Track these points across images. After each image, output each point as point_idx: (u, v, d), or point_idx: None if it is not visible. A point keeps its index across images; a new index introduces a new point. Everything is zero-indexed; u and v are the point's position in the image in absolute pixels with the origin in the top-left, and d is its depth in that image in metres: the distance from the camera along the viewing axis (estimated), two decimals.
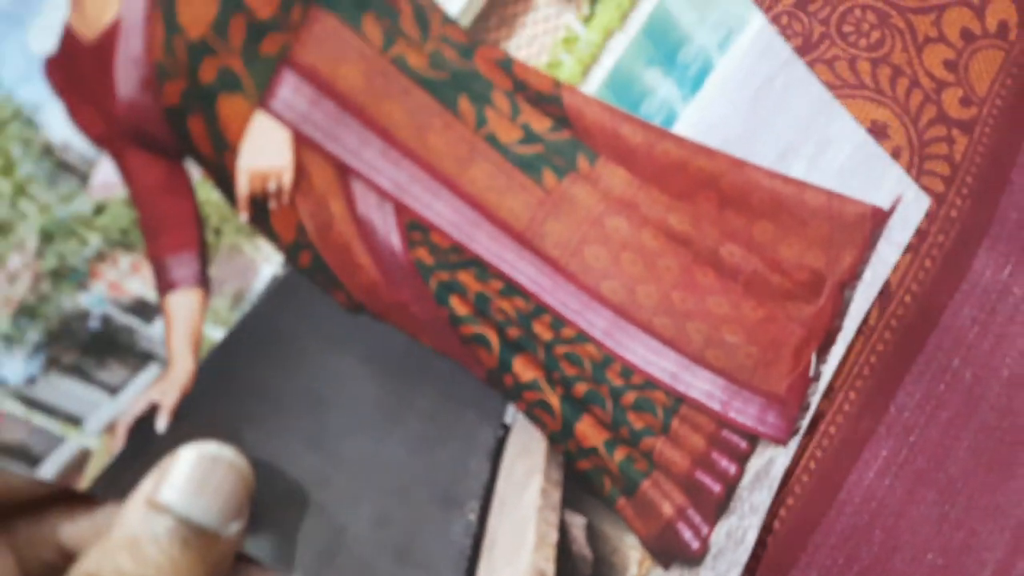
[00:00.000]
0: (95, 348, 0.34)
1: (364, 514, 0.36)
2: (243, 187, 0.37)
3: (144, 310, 0.36)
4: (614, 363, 0.40)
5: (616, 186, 0.41)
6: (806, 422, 0.40)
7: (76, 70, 0.35)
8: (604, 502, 0.40)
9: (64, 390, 0.34)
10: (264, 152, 0.37)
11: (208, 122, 0.37)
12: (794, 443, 0.40)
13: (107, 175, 0.35)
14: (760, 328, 0.41)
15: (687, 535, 0.39)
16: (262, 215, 0.38)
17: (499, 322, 0.39)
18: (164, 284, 0.36)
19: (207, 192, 0.37)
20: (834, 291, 0.42)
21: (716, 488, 0.40)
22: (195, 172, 0.37)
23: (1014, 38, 0.44)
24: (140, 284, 0.36)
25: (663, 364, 0.40)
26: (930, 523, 0.40)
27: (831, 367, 0.41)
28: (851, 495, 0.40)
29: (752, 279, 0.41)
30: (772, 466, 0.40)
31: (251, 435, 0.35)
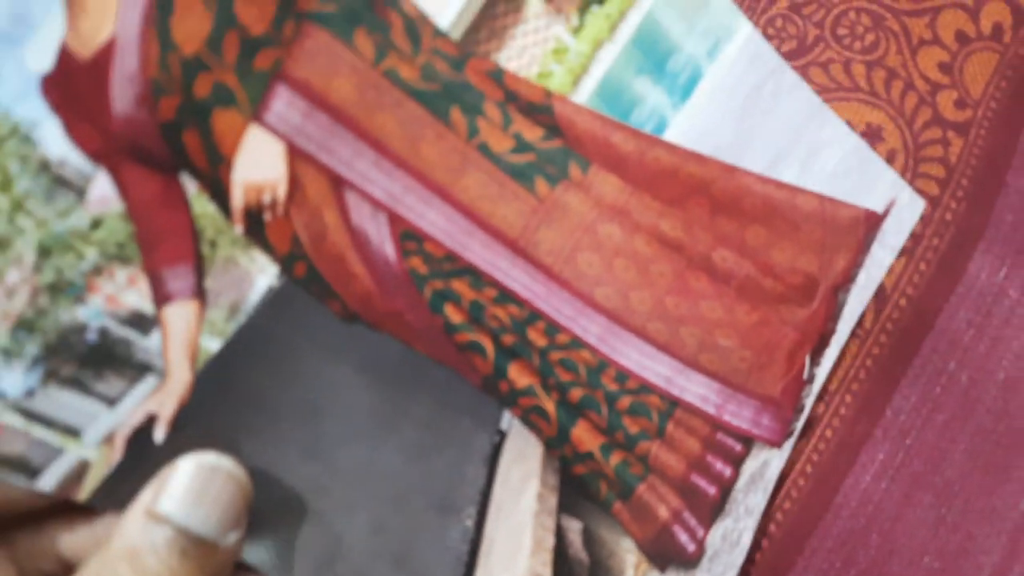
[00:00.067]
0: (93, 360, 0.35)
1: (361, 522, 0.36)
2: (238, 199, 0.38)
3: (141, 322, 0.36)
4: (609, 368, 0.40)
5: (608, 193, 0.41)
6: (800, 424, 0.41)
7: (72, 87, 0.36)
8: (600, 506, 0.40)
9: (63, 402, 0.34)
10: (258, 165, 0.37)
11: (203, 136, 0.37)
12: (788, 445, 0.40)
13: (103, 190, 0.36)
14: (753, 332, 0.41)
15: (683, 538, 0.39)
16: (257, 227, 0.38)
17: (494, 329, 0.39)
18: (161, 296, 0.36)
19: (202, 205, 0.38)
20: (827, 294, 0.42)
21: (711, 491, 0.40)
22: (190, 186, 0.38)
23: (1009, 40, 0.44)
24: (137, 297, 0.36)
25: (657, 369, 0.40)
26: (927, 526, 0.39)
27: (825, 369, 0.41)
28: (848, 498, 0.40)
29: (745, 283, 0.41)
30: (767, 468, 0.40)
31: (248, 444, 0.36)
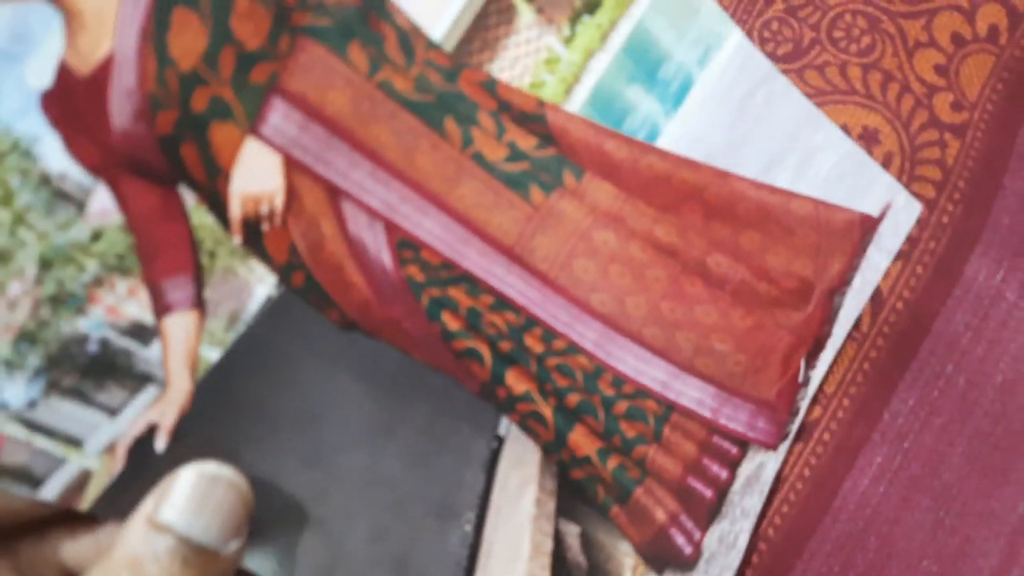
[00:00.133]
0: (94, 371, 0.35)
1: (361, 528, 0.36)
2: (236, 211, 0.38)
3: (141, 333, 0.36)
4: (605, 373, 0.40)
5: (602, 200, 0.41)
6: (795, 427, 0.41)
7: (72, 103, 0.36)
8: (598, 510, 0.40)
9: (64, 413, 0.34)
10: (256, 176, 0.38)
11: (201, 149, 0.38)
12: (784, 447, 0.40)
13: (103, 203, 0.36)
14: (749, 336, 0.41)
15: (680, 540, 0.39)
16: (255, 237, 0.39)
17: (491, 336, 0.40)
18: (160, 307, 0.37)
19: (201, 216, 0.38)
20: (823, 298, 0.42)
21: (708, 494, 0.40)
22: (189, 197, 0.38)
23: (1004, 42, 0.44)
24: (137, 308, 0.36)
25: (654, 373, 0.40)
26: (925, 530, 0.39)
27: (820, 372, 0.41)
28: (846, 502, 0.40)
29: (740, 288, 0.42)
30: (763, 471, 0.40)
31: (248, 453, 0.36)
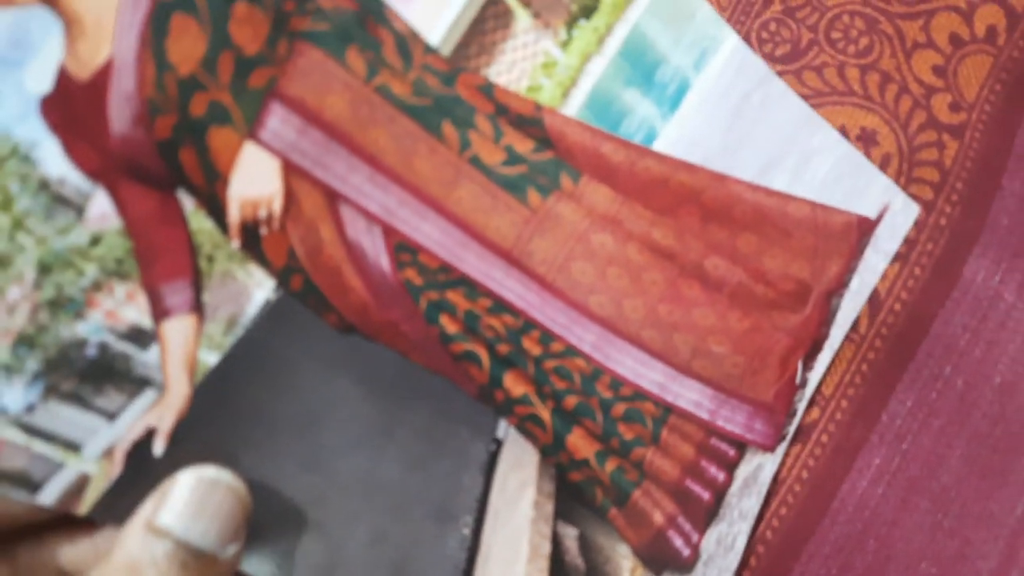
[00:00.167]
0: (92, 375, 0.35)
1: (360, 532, 0.36)
2: (234, 215, 0.38)
3: (140, 337, 0.36)
4: (603, 376, 0.40)
5: (600, 203, 0.41)
6: (793, 428, 0.41)
7: (71, 108, 0.36)
8: (596, 512, 0.40)
9: (63, 417, 0.34)
10: (254, 181, 0.38)
11: (199, 154, 0.38)
12: (781, 449, 0.40)
13: (102, 207, 0.36)
14: (746, 338, 0.41)
15: (678, 543, 0.39)
16: (253, 241, 0.39)
17: (489, 339, 0.40)
18: (159, 311, 0.37)
19: (199, 221, 0.38)
20: (820, 300, 0.42)
21: (705, 496, 0.40)
22: (188, 202, 0.38)
23: (1003, 43, 0.44)
24: (136, 312, 0.36)
25: (651, 375, 0.40)
26: (924, 532, 0.39)
27: (818, 374, 0.41)
28: (844, 504, 0.40)
29: (737, 290, 0.42)
30: (760, 472, 0.40)
31: (247, 457, 0.36)
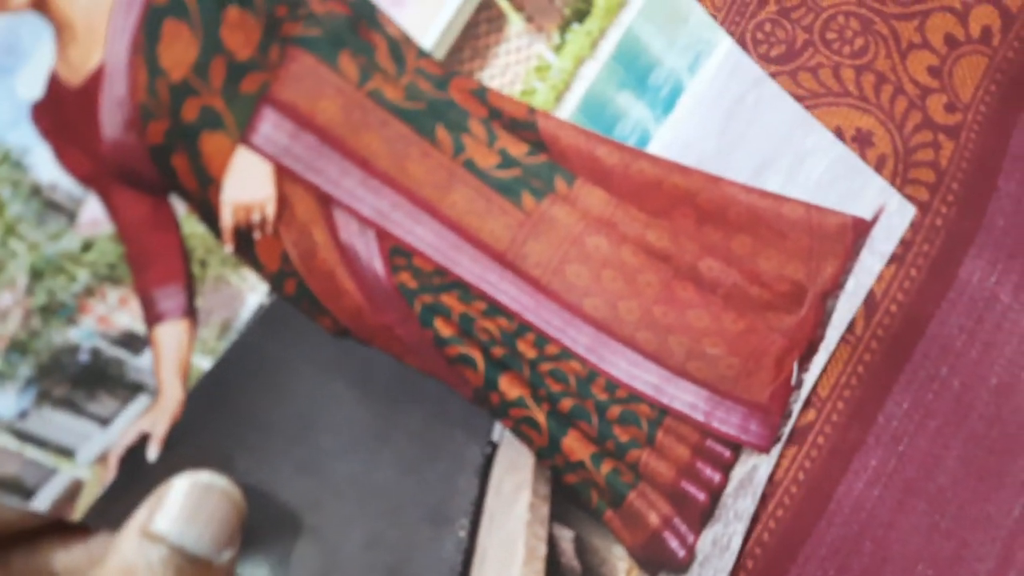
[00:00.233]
0: (85, 381, 0.35)
1: (356, 536, 0.36)
2: (227, 219, 0.38)
3: (133, 342, 0.36)
4: (598, 378, 0.40)
5: (594, 206, 0.41)
6: (788, 429, 0.41)
7: (62, 114, 0.36)
8: (592, 514, 0.40)
9: (56, 423, 0.34)
10: (247, 185, 0.38)
11: (192, 159, 0.38)
12: (776, 450, 0.40)
13: (94, 212, 0.36)
14: (741, 339, 0.41)
15: (673, 544, 0.39)
16: (247, 246, 0.39)
17: (483, 342, 0.40)
18: (152, 316, 0.37)
19: (192, 225, 0.38)
20: (816, 301, 0.42)
21: (701, 497, 0.40)
22: (180, 207, 0.38)
23: (997, 43, 0.44)
24: (128, 317, 0.36)
25: (646, 377, 0.40)
26: (920, 533, 0.39)
27: (813, 375, 0.41)
28: (840, 506, 0.40)
29: (732, 292, 0.42)
30: (755, 473, 0.40)
31: (242, 461, 0.36)
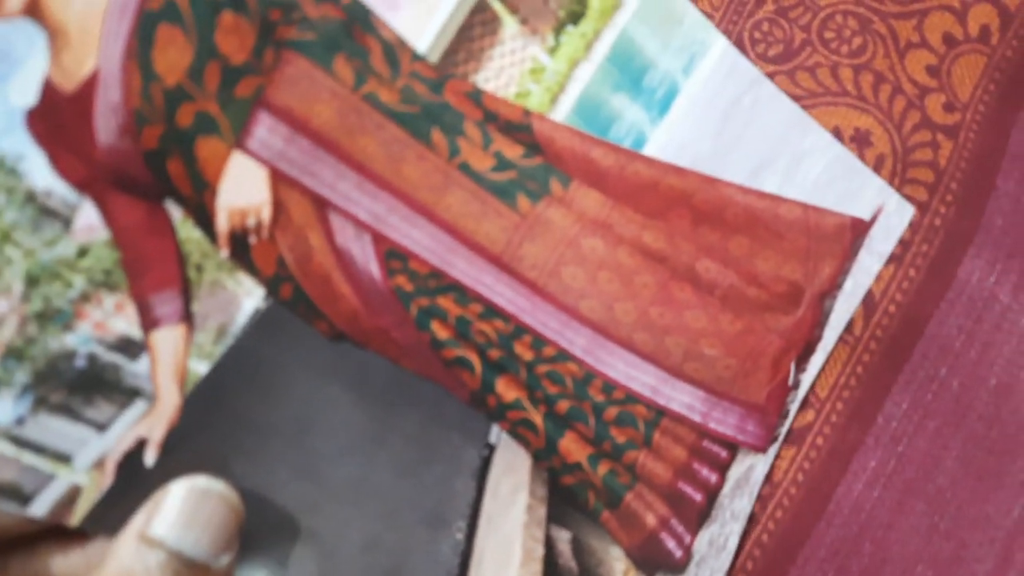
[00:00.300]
0: (82, 386, 0.35)
1: (353, 539, 0.36)
2: (223, 224, 0.38)
3: (129, 348, 0.36)
4: (595, 379, 0.40)
5: (590, 207, 0.42)
6: (785, 429, 0.41)
7: (57, 120, 0.36)
8: (589, 516, 0.40)
9: (53, 429, 0.35)
10: (242, 190, 0.38)
11: (187, 164, 0.38)
12: (773, 450, 0.40)
13: (90, 219, 0.37)
14: (738, 340, 0.41)
15: (670, 544, 0.39)
16: (242, 250, 0.39)
17: (480, 344, 0.40)
18: (148, 322, 0.37)
19: (188, 230, 0.38)
20: (813, 302, 0.42)
21: (698, 497, 0.40)
22: (176, 212, 0.38)
23: (996, 42, 0.44)
24: (125, 323, 0.36)
25: (643, 379, 0.40)
26: (920, 534, 0.39)
27: (811, 375, 0.41)
28: (840, 507, 0.40)
29: (729, 293, 0.42)
30: (752, 473, 0.40)
31: (239, 465, 0.36)
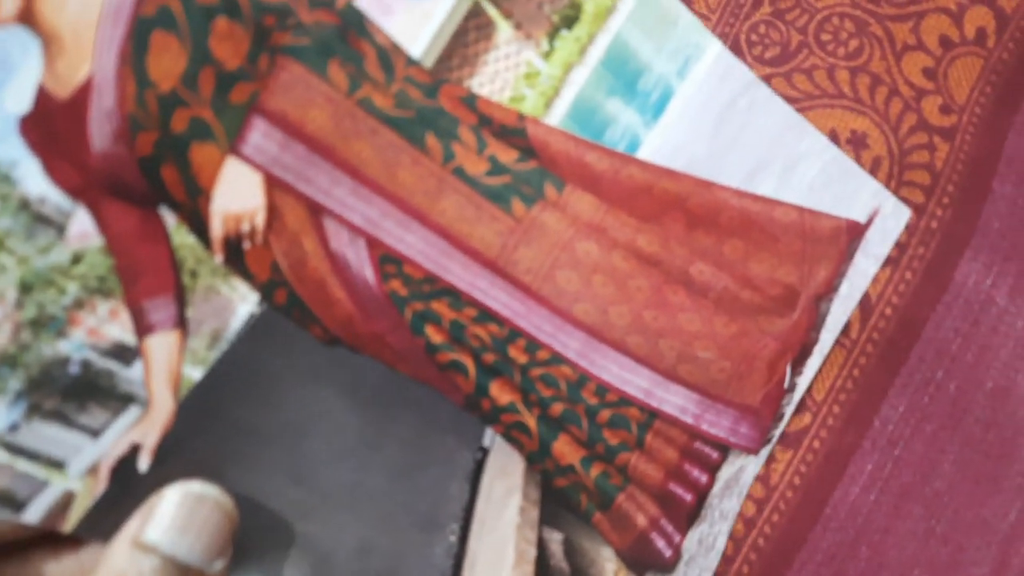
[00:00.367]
0: (76, 393, 0.35)
1: (348, 543, 0.37)
2: (217, 229, 0.38)
3: (123, 354, 0.37)
4: (589, 382, 0.40)
5: (584, 211, 0.42)
6: (778, 432, 0.41)
7: (51, 127, 0.37)
8: (581, 517, 0.40)
9: (47, 435, 0.35)
10: (237, 195, 0.38)
11: (181, 170, 0.38)
12: (764, 451, 0.41)
13: (83, 225, 0.37)
14: (733, 343, 0.41)
15: (660, 544, 0.40)
16: (237, 256, 0.39)
17: (475, 348, 0.40)
18: (142, 328, 0.37)
19: (182, 236, 0.38)
20: (809, 304, 0.42)
21: (688, 497, 0.40)
22: (170, 218, 0.38)
23: (992, 45, 0.44)
24: (119, 329, 0.37)
25: (637, 381, 0.41)
26: (916, 538, 0.39)
27: (807, 378, 0.41)
28: (836, 511, 0.40)
29: (723, 296, 0.42)
30: (742, 474, 0.40)
31: (233, 471, 0.36)
